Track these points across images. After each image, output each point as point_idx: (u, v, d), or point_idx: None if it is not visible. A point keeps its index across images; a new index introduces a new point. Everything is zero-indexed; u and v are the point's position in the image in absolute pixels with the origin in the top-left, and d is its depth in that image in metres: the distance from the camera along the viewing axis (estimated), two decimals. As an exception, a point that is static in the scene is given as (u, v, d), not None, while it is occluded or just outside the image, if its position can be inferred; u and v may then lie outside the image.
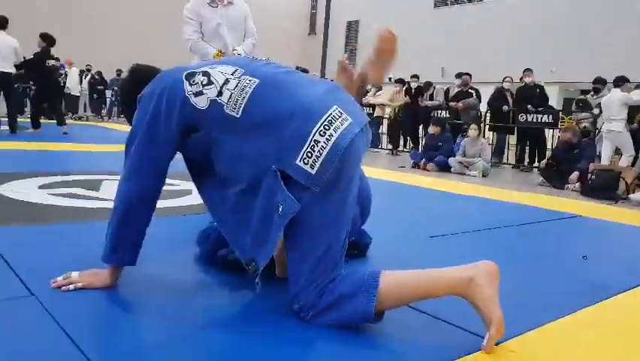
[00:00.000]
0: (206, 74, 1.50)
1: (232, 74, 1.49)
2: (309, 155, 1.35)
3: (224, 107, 1.44)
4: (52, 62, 7.76)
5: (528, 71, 8.43)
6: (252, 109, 1.42)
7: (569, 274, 2.22)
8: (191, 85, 1.48)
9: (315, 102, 1.42)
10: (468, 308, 1.37)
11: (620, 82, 6.95)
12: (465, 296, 1.36)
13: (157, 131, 1.51)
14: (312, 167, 1.35)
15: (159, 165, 1.56)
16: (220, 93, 1.45)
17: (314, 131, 1.36)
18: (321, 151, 1.35)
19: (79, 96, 13.48)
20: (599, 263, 2.49)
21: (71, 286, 1.56)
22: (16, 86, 7.65)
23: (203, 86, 1.47)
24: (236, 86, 1.45)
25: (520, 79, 8.83)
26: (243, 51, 3.38)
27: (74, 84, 12.97)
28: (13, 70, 7.21)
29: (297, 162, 1.35)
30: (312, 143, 1.36)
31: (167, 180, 1.66)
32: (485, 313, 1.33)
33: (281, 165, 1.37)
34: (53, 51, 7.88)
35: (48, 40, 7.69)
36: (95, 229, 2.42)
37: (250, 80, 1.46)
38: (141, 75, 1.68)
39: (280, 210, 1.36)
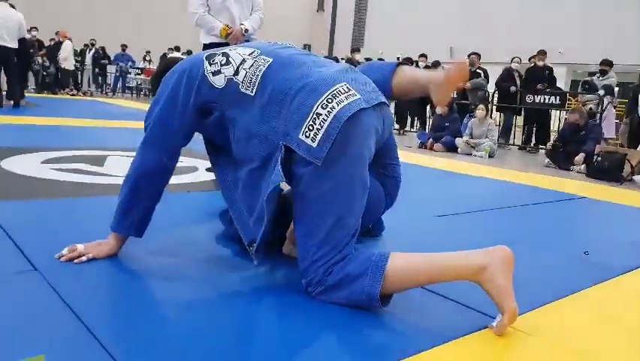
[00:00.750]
0: (225, 54, 1.55)
1: (250, 55, 1.53)
2: (311, 128, 1.35)
3: (240, 85, 1.47)
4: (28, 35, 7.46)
5: (542, 53, 8.29)
6: (265, 87, 1.44)
7: (572, 254, 2.21)
8: (210, 64, 1.53)
9: (323, 79, 1.42)
10: (473, 287, 1.36)
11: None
12: (477, 283, 1.33)
13: (175, 106, 1.55)
14: (312, 140, 1.34)
15: (173, 139, 1.60)
16: (236, 72, 1.49)
17: (317, 104, 1.36)
18: (322, 124, 1.34)
19: (72, 70, 13.17)
20: (602, 244, 2.48)
21: (84, 258, 1.56)
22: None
23: (222, 65, 1.52)
24: (252, 65, 1.49)
25: (530, 59, 8.70)
26: (250, 26, 3.33)
27: (66, 57, 12.51)
28: (15, 45, 7.08)
29: (300, 135, 1.36)
30: (314, 116, 1.35)
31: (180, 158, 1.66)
32: (498, 303, 1.30)
33: (287, 141, 1.38)
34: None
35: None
36: (98, 204, 2.43)
37: (264, 60, 1.50)
38: (170, 61, 1.78)
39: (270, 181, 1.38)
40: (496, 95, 8.85)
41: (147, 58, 15.65)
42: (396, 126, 10.10)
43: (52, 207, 2.28)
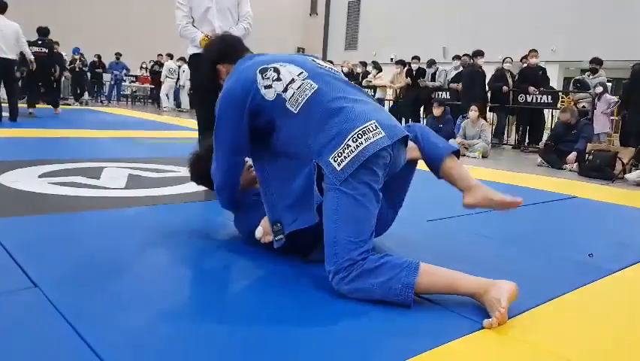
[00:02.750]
0: (276, 70, 1.78)
1: (298, 75, 1.76)
2: (340, 155, 1.62)
3: (286, 102, 1.73)
4: None
5: (534, 51, 8.32)
6: (309, 109, 1.70)
7: (564, 254, 2.26)
8: (263, 79, 1.76)
9: (357, 115, 1.68)
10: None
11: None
12: (483, 294, 1.52)
13: (234, 117, 1.79)
14: (338, 165, 1.62)
15: (238, 143, 1.85)
16: (285, 90, 1.73)
17: (349, 137, 1.64)
18: (349, 155, 1.62)
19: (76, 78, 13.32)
20: (593, 243, 2.53)
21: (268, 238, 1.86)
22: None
23: (273, 81, 1.76)
24: (299, 87, 1.73)
25: (521, 59, 8.76)
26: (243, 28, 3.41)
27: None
28: (14, 56, 6.98)
29: (330, 158, 1.63)
30: (345, 146, 1.63)
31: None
32: (494, 305, 1.47)
33: (319, 160, 1.66)
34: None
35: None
36: (96, 218, 2.47)
37: (310, 85, 1.74)
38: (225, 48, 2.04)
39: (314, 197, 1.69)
40: (488, 96, 8.90)
41: (144, 66, 15.70)
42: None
43: (50, 223, 2.32)
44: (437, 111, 7.53)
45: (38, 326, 1.31)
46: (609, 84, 8.42)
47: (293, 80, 1.74)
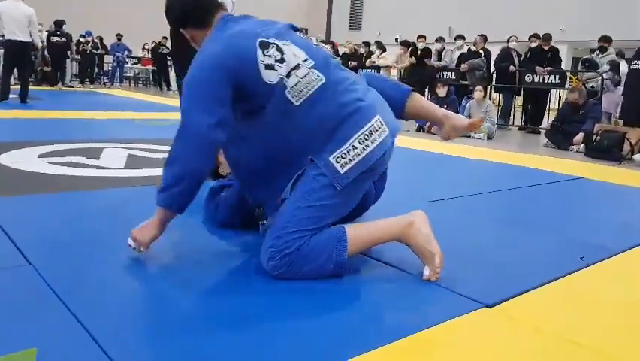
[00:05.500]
0: (279, 49, 1.56)
1: (304, 62, 1.57)
2: (344, 156, 1.52)
3: (287, 89, 1.52)
4: None
5: (547, 38, 8.12)
6: (312, 104, 1.53)
7: (569, 235, 2.22)
8: (264, 55, 1.53)
9: (361, 110, 1.57)
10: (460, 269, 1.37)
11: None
12: (407, 238, 1.59)
13: (216, 94, 1.50)
14: (342, 167, 1.51)
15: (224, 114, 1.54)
16: (289, 75, 1.53)
17: (354, 137, 1.53)
18: (355, 157, 1.52)
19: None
20: (599, 225, 2.49)
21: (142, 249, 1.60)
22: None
23: (276, 61, 1.53)
24: (305, 76, 1.55)
25: (530, 37, 8.56)
26: (231, 2, 3.30)
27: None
28: (28, 39, 6.98)
29: (330, 158, 1.51)
30: (350, 147, 1.52)
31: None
32: (426, 250, 1.56)
33: (316, 157, 1.53)
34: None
35: None
36: (94, 197, 2.44)
37: (317, 77, 1.56)
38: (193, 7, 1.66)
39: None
40: (494, 76, 8.77)
41: (146, 47, 15.56)
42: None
43: (48, 202, 2.30)
44: (442, 91, 7.42)
45: (31, 303, 1.29)
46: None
47: (298, 66, 1.55)
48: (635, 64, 5.76)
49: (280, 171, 1.60)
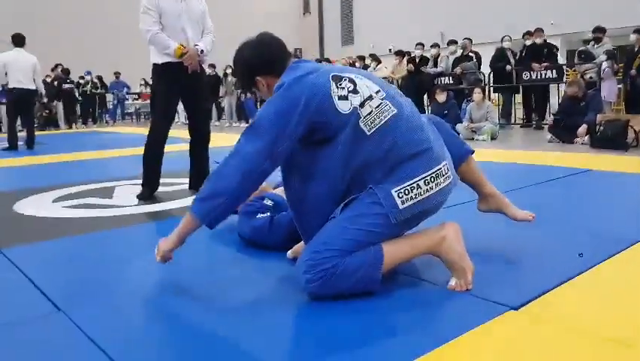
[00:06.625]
0: (352, 81, 1.62)
1: (376, 93, 1.62)
2: (407, 192, 1.54)
3: (360, 118, 1.57)
4: None
5: (539, 30, 8.20)
6: (384, 134, 1.56)
7: (585, 229, 2.22)
8: (337, 87, 1.60)
9: (432, 151, 1.60)
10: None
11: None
12: (439, 253, 1.61)
13: (284, 127, 1.55)
14: (402, 202, 1.54)
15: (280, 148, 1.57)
16: (362, 105, 1.58)
17: (421, 176, 1.56)
18: (416, 196, 1.55)
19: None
20: (613, 215, 2.49)
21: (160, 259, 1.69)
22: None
23: (349, 92, 1.60)
24: (378, 106, 1.59)
25: (523, 35, 8.61)
26: (205, 47, 3.31)
27: None
28: (33, 86, 7.23)
29: (393, 191, 1.53)
30: (415, 185, 1.55)
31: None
32: (460, 265, 1.58)
33: (377, 187, 1.54)
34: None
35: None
36: (112, 236, 2.48)
37: (390, 108, 1.60)
38: (268, 52, 1.75)
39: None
40: (491, 76, 8.81)
41: (142, 83, 15.79)
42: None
43: (68, 246, 2.33)
44: (441, 97, 7.47)
45: (66, 350, 1.31)
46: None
47: (371, 97, 1.60)
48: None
49: (336, 203, 1.61)
